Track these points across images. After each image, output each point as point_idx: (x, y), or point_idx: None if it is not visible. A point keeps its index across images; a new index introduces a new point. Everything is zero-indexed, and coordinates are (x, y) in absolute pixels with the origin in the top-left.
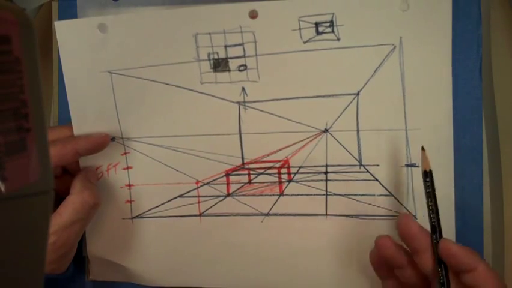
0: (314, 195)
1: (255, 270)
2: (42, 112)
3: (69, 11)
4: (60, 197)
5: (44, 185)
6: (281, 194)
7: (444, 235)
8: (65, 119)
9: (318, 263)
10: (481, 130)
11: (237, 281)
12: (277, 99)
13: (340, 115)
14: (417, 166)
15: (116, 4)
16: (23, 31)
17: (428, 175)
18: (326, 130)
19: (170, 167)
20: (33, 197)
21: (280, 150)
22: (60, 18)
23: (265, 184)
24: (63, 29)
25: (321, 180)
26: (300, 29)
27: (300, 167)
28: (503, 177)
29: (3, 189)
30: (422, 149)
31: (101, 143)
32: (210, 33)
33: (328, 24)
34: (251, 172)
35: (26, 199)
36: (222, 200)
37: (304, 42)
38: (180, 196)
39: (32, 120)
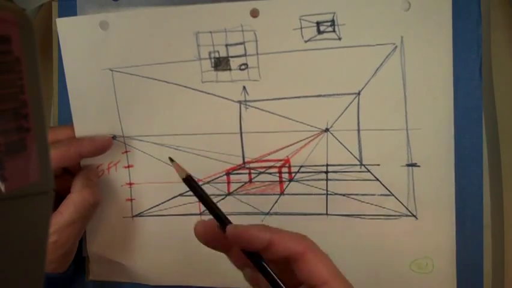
0: (315, 194)
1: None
2: (42, 112)
3: (69, 11)
4: (61, 196)
5: (44, 185)
6: (282, 193)
7: (444, 235)
8: (65, 119)
9: None
10: (481, 130)
11: (237, 280)
12: (278, 99)
13: (341, 114)
14: (418, 166)
15: (116, 4)
16: (23, 31)
17: (188, 180)
18: (327, 129)
19: (170, 165)
20: (33, 197)
21: (281, 149)
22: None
23: (266, 183)
24: (64, 26)
25: (322, 179)
26: (301, 28)
27: (300, 166)
28: (503, 177)
29: (3, 189)
30: (171, 160)
31: (104, 145)
32: (211, 32)
33: (329, 23)
34: (252, 171)
35: (26, 199)
36: (222, 199)
37: (306, 42)
38: (181, 195)
39: (32, 120)
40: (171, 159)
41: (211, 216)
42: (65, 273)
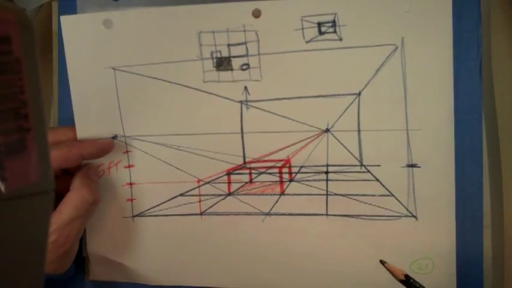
0: (315, 195)
1: (255, 269)
2: (42, 112)
3: (69, 11)
4: (61, 197)
5: (44, 185)
6: (282, 193)
7: (444, 235)
8: (65, 119)
9: (319, 263)
10: (481, 130)
11: (237, 280)
12: (279, 99)
13: (341, 115)
14: (419, 166)
15: (116, 4)
16: (23, 31)
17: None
18: (327, 130)
19: (171, 165)
20: (33, 197)
21: (281, 149)
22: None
23: (267, 183)
24: (68, 24)
25: (322, 180)
26: (302, 28)
27: (301, 167)
28: (503, 177)
29: (3, 189)
30: (382, 263)
31: (106, 148)
32: (213, 32)
33: (330, 24)
34: (252, 171)
35: (26, 199)
36: (223, 199)
37: (307, 42)
38: (181, 195)
39: (32, 120)
40: (382, 262)
41: (211, 217)
42: (66, 273)
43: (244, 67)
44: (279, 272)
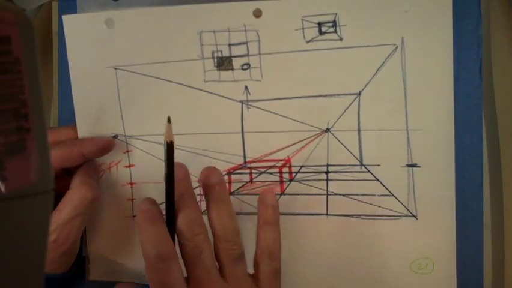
0: (315, 194)
1: None
2: (42, 112)
3: (69, 11)
4: (61, 196)
5: (44, 185)
6: (282, 193)
7: (444, 235)
8: (65, 119)
9: (319, 262)
10: (481, 130)
11: None
12: (280, 99)
13: (342, 115)
14: (419, 166)
15: (116, 4)
16: (23, 31)
17: (170, 146)
18: (328, 130)
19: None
20: (33, 197)
21: (282, 149)
22: (60, 18)
23: (267, 183)
24: (70, 23)
25: (322, 179)
26: (303, 28)
27: (301, 166)
28: (503, 177)
29: (3, 189)
30: (168, 121)
31: (107, 147)
32: (214, 31)
33: (331, 24)
34: (253, 171)
35: (26, 199)
36: None
37: (307, 42)
38: None
39: (32, 120)
40: (169, 119)
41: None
42: (67, 273)
43: (245, 67)
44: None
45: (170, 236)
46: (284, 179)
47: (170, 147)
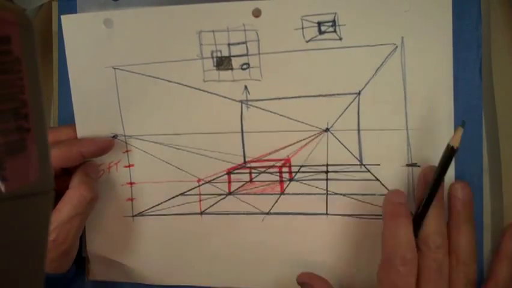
0: (315, 194)
1: (255, 269)
2: (42, 112)
3: (69, 11)
4: (60, 195)
5: (44, 185)
6: (282, 192)
7: None
8: (65, 119)
9: (318, 262)
10: (481, 130)
11: (237, 279)
12: (279, 98)
13: (341, 114)
14: (419, 166)
15: (116, 4)
16: (23, 31)
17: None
18: (327, 129)
19: (171, 165)
20: (33, 197)
21: (281, 149)
22: (60, 18)
23: (266, 183)
24: (69, 23)
25: (322, 179)
26: (302, 28)
27: (301, 166)
28: (503, 177)
29: (3, 189)
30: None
31: (106, 146)
32: (213, 31)
33: (330, 23)
34: (252, 171)
35: (26, 199)
36: (223, 199)
37: (307, 42)
38: (181, 194)
39: (32, 120)
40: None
41: (211, 216)
42: (67, 273)
43: (244, 66)
44: (279, 271)
45: None
46: (284, 179)
47: (453, 152)
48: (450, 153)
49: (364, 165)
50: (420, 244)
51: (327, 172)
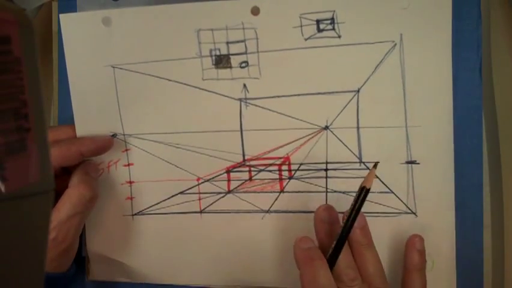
0: (314, 192)
1: (255, 267)
2: (42, 112)
3: (69, 11)
4: (60, 195)
5: (44, 185)
6: (282, 190)
7: (444, 232)
8: (65, 119)
9: None
10: (481, 130)
11: (237, 277)
12: (278, 96)
13: (340, 112)
14: (418, 163)
15: (116, 4)
16: (23, 31)
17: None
18: (327, 127)
19: (171, 163)
20: (33, 197)
21: (281, 147)
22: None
23: (266, 181)
24: (67, 22)
25: (322, 177)
26: (301, 26)
27: (300, 164)
28: (503, 177)
29: (3, 189)
30: (374, 166)
31: (105, 145)
32: (212, 30)
33: (329, 21)
34: (252, 169)
35: (26, 199)
36: (222, 197)
37: (306, 39)
38: (181, 193)
39: (32, 120)
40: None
41: (210, 215)
42: (67, 272)
43: (243, 65)
44: (278, 269)
45: None
46: (283, 177)
47: (366, 192)
48: (363, 194)
49: (363, 162)
50: (335, 281)
51: (326, 170)
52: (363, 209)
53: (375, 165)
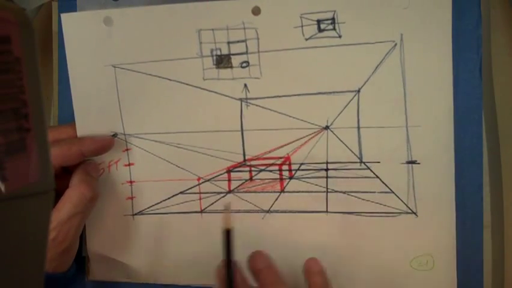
0: (315, 192)
1: None
2: (42, 112)
3: (69, 11)
4: (60, 195)
5: (44, 185)
6: (282, 190)
7: (444, 232)
8: (65, 119)
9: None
10: (481, 130)
11: None
12: (279, 96)
13: (341, 112)
14: (418, 163)
15: (116, 4)
16: (23, 31)
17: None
18: (327, 127)
19: (171, 163)
20: (33, 197)
21: (281, 147)
22: (60, 18)
23: (267, 181)
24: (69, 22)
25: (322, 177)
26: (302, 26)
27: (301, 164)
28: (503, 177)
29: (3, 189)
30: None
31: (106, 145)
32: (213, 29)
33: (330, 21)
34: (252, 169)
35: (26, 199)
36: (223, 197)
37: (306, 39)
38: (182, 193)
39: (32, 120)
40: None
41: (211, 214)
42: (67, 272)
43: (244, 65)
44: (279, 268)
45: None
46: (284, 177)
47: (229, 234)
48: (227, 235)
49: (364, 162)
50: None
51: (327, 170)
52: (363, 209)
53: (229, 207)
